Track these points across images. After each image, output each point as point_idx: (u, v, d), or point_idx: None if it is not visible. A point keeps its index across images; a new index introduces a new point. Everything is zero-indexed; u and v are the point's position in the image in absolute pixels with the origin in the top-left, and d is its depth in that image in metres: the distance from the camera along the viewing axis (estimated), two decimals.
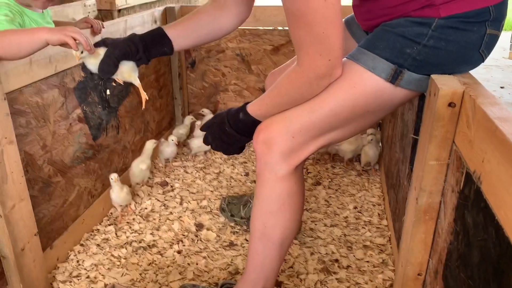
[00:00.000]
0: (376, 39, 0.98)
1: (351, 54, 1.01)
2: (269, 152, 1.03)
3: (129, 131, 1.88)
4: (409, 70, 0.95)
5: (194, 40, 1.24)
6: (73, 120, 1.47)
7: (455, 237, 0.82)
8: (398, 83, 0.96)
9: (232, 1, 1.21)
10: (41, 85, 1.30)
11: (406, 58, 0.94)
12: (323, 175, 2.03)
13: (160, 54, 1.21)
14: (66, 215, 1.47)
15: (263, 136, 1.04)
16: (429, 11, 0.92)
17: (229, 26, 1.25)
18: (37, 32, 1.10)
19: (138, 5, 2.84)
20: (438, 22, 0.92)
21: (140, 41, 1.16)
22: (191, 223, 1.67)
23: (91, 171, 1.61)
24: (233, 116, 1.10)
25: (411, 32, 0.93)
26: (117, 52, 1.12)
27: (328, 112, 0.99)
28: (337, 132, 1.04)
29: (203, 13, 1.23)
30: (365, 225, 1.66)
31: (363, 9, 1.08)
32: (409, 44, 0.93)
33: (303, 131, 1.01)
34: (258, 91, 2.34)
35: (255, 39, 2.24)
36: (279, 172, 1.05)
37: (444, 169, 0.89)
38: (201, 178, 2.00)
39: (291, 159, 1.04)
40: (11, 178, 1.14)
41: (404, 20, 0.95)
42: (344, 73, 0.98)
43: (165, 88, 2.26)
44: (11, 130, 1.14)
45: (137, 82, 1.20)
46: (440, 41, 0.92)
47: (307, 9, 0.86)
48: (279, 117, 1.03)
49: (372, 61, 0.96)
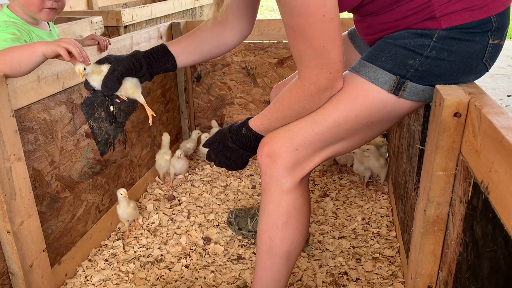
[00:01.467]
0: (377, 51, 0.98)
1: (353, 67, 1.02)
2: (273, 165, 1.03)
3: (136, 146, 1.89)
4: (412, 81, 0.95)
5: (197, 57, 1.25)
6: (81, 136, 1.48)
7: (464, 248, 0.81)
8: (401, 94, 0.96)
9: (234, 17, 1.22)
10: (49, 102, 1.31)
11: (409, 69, 0.94)
12: (330, 186, 2.02)
13: (163, 71, 1.22)
14: (74, 230, 1.48)
15: (267, 149, 1.04)
16: (430, 23, 0.93)
17: (231, 42, 1.26)
18: (33, 46, 1.14)
19: (144, 21, 2.88)
20: (440, 33, 0.92)
21: (143, 58, 1.17)
22: (198, 237, 1.66)
23: (99, 186, 1.62)
24: (236, 132, 1.10)
25: (413, 43, 0.94)
26: (120, 68, 1.13)
27: (331, 124, 0.99)
28: (342, 143, 1.04)
29: (205, 29, 1.24)
30: (373, 236, 1.65)
31: (364, 24, 1.09)
32: (411, 56, 0.94)
33: (307, 144, 1.01)
34: (264, 103, 2.35)
35: (260, 52, 2.26)
36: (285, 185, 1.04)
37: (451, 180, 0.88)
38: (208, 191, 2.00)
39: (296, 171, 1.04)
40: (19, 195, 1.15)
41: (406, 32, 0.96)
42: (346, 85, 0.98)
43: (172, 102, 2.28)
44: (20, 146, 1.15)
45: (141, 99, 1.21)
46: (442, 52, 0.92)
47: (306, 25, 0.87)
48: (282, 130, 1.03)
49: (374, 73, 0.96)
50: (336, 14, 0.88)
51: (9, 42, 1.27)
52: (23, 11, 1.39)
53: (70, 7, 3.35)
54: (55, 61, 1.31)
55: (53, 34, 1.54)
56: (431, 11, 0.92)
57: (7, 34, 1.29)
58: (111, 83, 1.13)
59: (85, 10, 3.53)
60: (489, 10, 0.91)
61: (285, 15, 0.90)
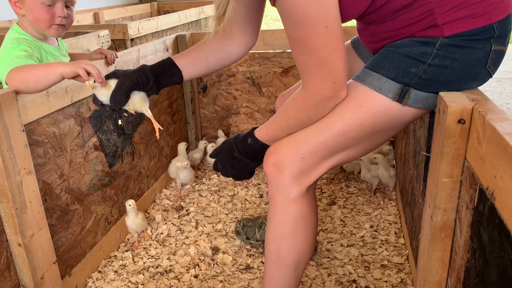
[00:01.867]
0: (381, 59, 0.99)
1: (357, 76, 1.02)
2: (279, 174, 1.04)
3: (144, 157, 1.91)
4: (416, 89, 0.95)
5: (202, 69, 1.27)
6: (89, 148, 1.50)
7: (472, 254, 0.81)
8: (405, 102, 0.96)
9: (238, 30, 1.24)
10: (58, 116, 1.33)
11: (412, 77, 0.95)
12: (337, 194, 2.02)
13: (170, 84, 1.23)
14: (84, 242, 1.49)
15: (273, 159, 1.05)
16: (432, 31, 0.94)
17: (236, 54, 1.28)
18: (52, 66, 1.16)
19: (151, 33, 2.91)
20: (443, 41, 0.93)
21: (150, 72, 1.19)
22: (207, 247, 1.67)
23: (108, 198, 1.63)
24: (242, 142, 1.11)
25: (415, 51, 0.94)
26: (128, 82, 1.15)
27: (336, 132, 1.00)
28: (347, 151, 1.05)
29: (210, 42, 1.26)
30: (382, 244, 1.64)
31: (367, 32, 1.10)
32: (414, 64, 0.94)
33: (313, 152, 1.02)
34: (270, 112, 2.36)
35: (264, 62, 2.28)
36: (291, 194, 1.05)
37: (457, 186, 0.88)
38: (215, 201, 2.00)
39: (302, 180, 1.04)
40: (30, 208, 1.17)
41: (409, 40, 0.97)
42: (350, 93, 0.99)
43: (178, 113, 2.30)
44: (30, 160, 1.17)
45: (148, 113, 1.22)
46: (445, 59, 0.93)
47: (309, 36, 0.88)
48: (287, 140, 1.04)
49: (378, 81, 0.97)
50: (338, 25, 0.89)
51: (23, 59, 1.30)
52: (33, 28, 1.42)
53: (78, 21, 3.40)
54: None
55: (61, 49, 1.56)
56: (433, 19, 0.93)
57: (20, 51, 1.32)
58: (119, 97, 1.15)
59: (92, 24, 3.59)
60: (490, 17, 0.91)
61: (288, 27, 0.91)
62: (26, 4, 1.34)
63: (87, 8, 3.95)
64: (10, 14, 1.53)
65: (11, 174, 1.10)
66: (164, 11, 4.81)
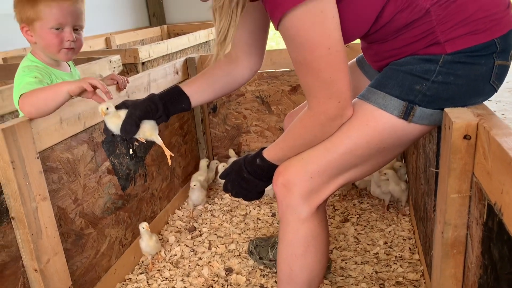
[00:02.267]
0: (385, 78, 1.01)
1: (362, 94, 1.04)
2: (289, 194, 1.05)
3: (156, 179, 1.93)
4: (421, 106, 0.96)
5: (210, 95, 1.29)
6: (103, 173, 1.53)
7: (484, 271, 0.80)
8: (410, 119, 0.97)
9: (243, 54, 1.27)
10: (71, 142, 1.37)
11: (416, 94, 0.96)
12: (350, 211, 2.01)
13: (178, 111, 1.26)
14: (98, 266, 1.51)
15: (282, 179, 1.06)
16: (435, 48, 0.95)
17: (242, 78, 1.30)
18: (59, 86, 1.22)
19: (161, 56, 2.97)
20: (445, 58, 0.94)
21: (159, 100, 1.22)
22: (220, 267, 1.67)
23: (121, 221, 1.65)
24: (250, 163, 1.13)
25: (419, 69, 0.96)
26: (138, 112, 1.18)
27: (344, 151, 1.01)
28: (356, 169, 1.05)
29: (216, 68, 1.29)
30: (396, 260, 1.63)
31: (371, 51, 1.11)
32: (417, 81, 0.95)
33: (321, 171, 1.03)
34: (279, 130, 2.38)
35: (273, 81, 2.30)
36: (301, 214, 1.06)
37: (466, 202, 0.88)
38: (228, 221, 2.01)
39: (312, 199, 1.05)
40: (45, 233, 1.19)
41: (412, 58, 0.98)
42: (356, 112, 1.00)
43: (189, 134, 2.33)
44: (45, 187, 1.20)
45: (159, 141, 1.25)
46: (448, 76, 0.94)
47: (313, 58, 0.90)
48: (295, 160, 1.06)
49: (383, 99, 0.98)
50: (341, 46, 0.91)
51: (33, 85, 1.34)
52: (45, 54, 1.46)
53: (90, 46, 3.48)
54: (77, 102, 1.37)
55: (73, 75, 1.61)
56: (435, 37, 0.94)
57: (30, 78, 1.36)
58: (129, 127, 1.18)
59: (104, 49, 3.67)
60: (492, 33, 0.92)
61: (292, 50, 0.93)
62: (36, 31, 1.38)
63: (99, 33, 4.05)
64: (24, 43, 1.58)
65: (26, 201, 1.13)
66: (174, 33, 4.90)
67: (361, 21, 0.97)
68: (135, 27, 4.92)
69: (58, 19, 1.36)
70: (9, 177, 1.09)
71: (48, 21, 1.36)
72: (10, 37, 2.82)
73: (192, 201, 2.05)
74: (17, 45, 3.07)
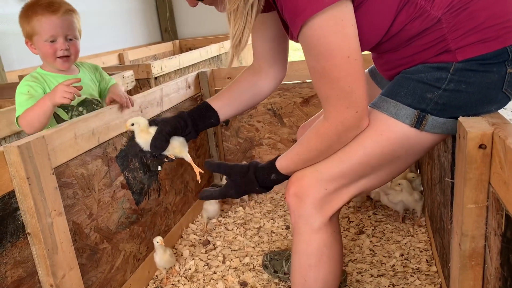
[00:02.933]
0: (396, 86, 1.00)
1: (374, 103, 1.03)
2: (301, 204, 1.05)
3: (169, 193, 1.94)
4: (432, 115, 0.95)
5: (237, 107, 1.30)
6: (117, 187, 1.54)
7: (503, 283, 0.78)
8: (423, 127, 0.96)
9: (266, 65, 1.27)
10: (86, 157, 1.38)
11: (428, 103, 0.95)
12: (365, 223, 1.99)
13: (207, 126, 1.28)
14: (113, 280, 1.51)
15: (294, 189, 1.05)
16: (446, 56, 0.94)
17: (268, 88, 1.31)
18: (43, 103, 1.40)
19: (173, 71, 3.00)
20: (456, 66, 0.93)
21: (188, 117, 1.23)
22: (235, 281, 1.66)
23: (135, 235, 1.66)
24: (264, 178, 1.12)
25: (430, 77, 0.95)
26: (167, 128, 1.19)
27: (358, 161, 1.00)
28: (369, 179, 1.05)
29: (241, 81, 1.30)
30: (413, 273, 1.60)
31: (382, 60, 1.11)
32: (429, 89, 0.95)
33: (335, 182, 1.03)
34: (292, 142, 2.37)
35: (285, 93, 2.31)
36: (314, 224, 1.05)
37: (484, 212, 0.87)
38: (242, 234, 2.00)
39: (325, 210, 1.04)
40: (60, 248, 1.20)
41: (423, 66, 0.97)
42: (370, 122, 0.99)
43: (202, 147, 2.34)
44: (60, 202, 1.21)
45: (188, 158, 1.26)
46: (460, 84, 0.93)
47: (331, 67, 0.90)
48: (309, 171, 1.05)
49: (395, 108, 0.98)
50: (359, 55, 0.91)
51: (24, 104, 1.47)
52: (48, 65, 1.58)
53: (103, 62, 3.54)
54: (91, 118, 1.39)
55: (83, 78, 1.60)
56: (446, 45, 0.94)
57: (22, 96, 1.50)
58: (159, 143, 1.19)
59: (117, 65, 3.72)
60: (504, 41, 0.91)
61: (310, 59, 0.94)
62: (35, 44, 1.52)
63: (112, 50, 4.11)
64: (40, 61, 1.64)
65: (42, 217, 1.14)
66: (186, 48, 4.96)
67: (374, 30, 0.98)
68: (147, 42, 4.99)
69: (50, 32, 1.49)
70: (25, 193, 1.11)
71: (41, 35, 1.49)
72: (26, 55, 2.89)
73: (207, 214, 2.05)
74: (34, 62, 3.14)
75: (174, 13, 5.22)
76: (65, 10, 1.51)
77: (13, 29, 2.91)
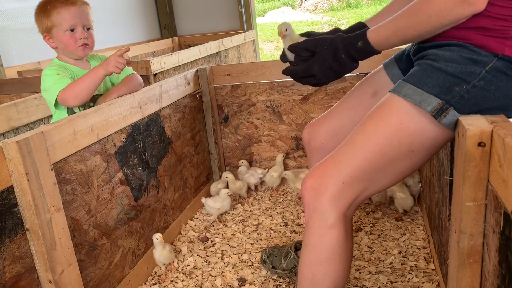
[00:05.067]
0: (424, 76, 0.99)
1: (397, 89, 1.02)
2: (317, 198, 1.03)
3: (168, 189, 1.94)
4: (455, 109, 0.95)
5: None
6: (115, 184, 1.54)
7: (501, 280, 0.78)
8: (441, 119, 0.96)
9: None
10: (85, 153, 1.38)
11: (454, 95, 0.94)
12: (364, 220, 1.99)
13: None
14: (112, 276, 1.51)
15: (313, 181, 1.04)
16: (496, 42, 0.92)
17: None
18: (96, 72, 1.53)
19: (172, 68, 2.99)
20: (495, 63, 0.92)
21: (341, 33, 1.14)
22: (233, 278, 1.66)
23: (134, 232, 1.66)
24: (350, 44, 1.05)
25: (463, 70, 0.94)
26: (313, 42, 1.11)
27: (377, 150, 1.00)
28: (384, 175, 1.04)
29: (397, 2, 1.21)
30: (411, 270, 1.60)
31: None
32: (458, 83, 0.94)
33: (353, 176, 1.02)
34: (291, 139, 2.37)
35: (284, 90, 2.31)
36: (328, 219, 1.04)
37: (482, 210, 0.87)
38: (240, 231, 2.01)
39: (340, 205, 1.03)
40: (59, 244, 1.20)
41: (459, 55, 0.96)
42: (391, 108, 0.99)
43: (201, 144, 2.33)
44: (58, 198, 1.21)
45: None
46: (490, 84, 0.92)
47: None
48: (331, 162, 1.04)
49: (420, 97, 0.97)
50: None
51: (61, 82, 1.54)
52: (66, 55, 1.65)
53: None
54: (89, 114, 1.39)
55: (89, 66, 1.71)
56: (508, 27, 0.92)
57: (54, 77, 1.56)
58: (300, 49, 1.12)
59: None
60: None
61: None
62: (54, 37, 1.60)
63: (111, 46, 4.10)
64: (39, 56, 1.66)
65: (41, 212, 1.14)
66: (185, 45, 4.94)
67: None
68: (146, 39, 4.97)
69: (70, 22, 1.58)
70: (24, 189, 1.10)
71: (62, 26, 1.58)
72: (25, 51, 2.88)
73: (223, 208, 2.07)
74: (33, 58, 3.13)
75: (173, 10, 5.21)
76: (82, 2, 1.63)
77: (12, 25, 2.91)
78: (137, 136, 1.69)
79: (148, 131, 1.78)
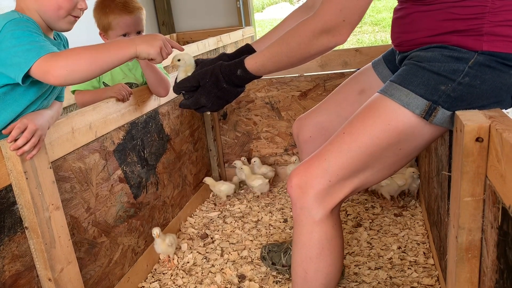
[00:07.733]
0: (410, 75, 0.99)
1: (384, 90, 1.02)
2: (304, 196, 1.04)
3: (167, 187, 1.94)
4: (443, 107, 0.95)
5: None
6: (114, 181, 1.54)
7: (500, 275, 0.79)
8: (431, 119, 0.96)
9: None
10: (83, 151, 1.38)
11: (441, 94, 0.94)
12: (363, 216, 1.99)
13: None
14: (111, 274, 1.51)
15: (298, 180, 1.04)
16: (471, 41, 0.93)
17: None
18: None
19: (170, 66, 2.99)
20: (477, 59, 0.92)
21: (228, 59, 1.19)
22: (233, 274, 1.67)
23: (134, 229, 1.66)
24: (229, 73, 1.09)
25: (446, 68, 0.94)
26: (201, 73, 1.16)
27: (365, 150, 1.00)
28: (371, 172, 1.04)
29: (289, 19, 1.25)
30: (411, 265, 1.61)
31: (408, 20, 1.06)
32: (443, 81, 0.94)
33: (340, 174, 1.02)
34: (290, 136, 2.37)
35: (282, 86, 2.30)
36: (316, 216, 1.04)
37: (480, 205, 0.87)
38: (240, 227, 2.01)
39: (327, 202, 1.04)
40: (58, 243, 1.20)
41: (440, 54, 0.96)
42: (378, 109, 0.99)
43: (200, 141, 2.33)
44: (57, 196, 1.21)
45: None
46: (475, 79, 0.92)
47: None
48: (318, 160, 1.04)
49: (407, 97, 0.97)
50: None
51: None
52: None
53: None
54: (88, 111, 1.38)
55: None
56: (480, 25, 0.92)
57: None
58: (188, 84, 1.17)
59: None
60: None
61: None
62: (109, 37, 1.63)
63: None
64: None
65: (40, 211, 1.14)
66: (183, 41, 4.93)
67: None
68: None
69: (125, 30, 1.64)
70: (22, 187, 1.10)
71: (117, 31, 1.64)
72: None
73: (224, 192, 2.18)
74: None
75: (171, 6, 5.19)
76: (138, 9, 1.66)
77: None
78: (136, 133, 1.69)
79: (147, 129, 1.78)
